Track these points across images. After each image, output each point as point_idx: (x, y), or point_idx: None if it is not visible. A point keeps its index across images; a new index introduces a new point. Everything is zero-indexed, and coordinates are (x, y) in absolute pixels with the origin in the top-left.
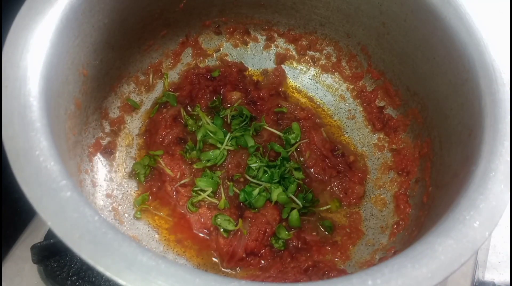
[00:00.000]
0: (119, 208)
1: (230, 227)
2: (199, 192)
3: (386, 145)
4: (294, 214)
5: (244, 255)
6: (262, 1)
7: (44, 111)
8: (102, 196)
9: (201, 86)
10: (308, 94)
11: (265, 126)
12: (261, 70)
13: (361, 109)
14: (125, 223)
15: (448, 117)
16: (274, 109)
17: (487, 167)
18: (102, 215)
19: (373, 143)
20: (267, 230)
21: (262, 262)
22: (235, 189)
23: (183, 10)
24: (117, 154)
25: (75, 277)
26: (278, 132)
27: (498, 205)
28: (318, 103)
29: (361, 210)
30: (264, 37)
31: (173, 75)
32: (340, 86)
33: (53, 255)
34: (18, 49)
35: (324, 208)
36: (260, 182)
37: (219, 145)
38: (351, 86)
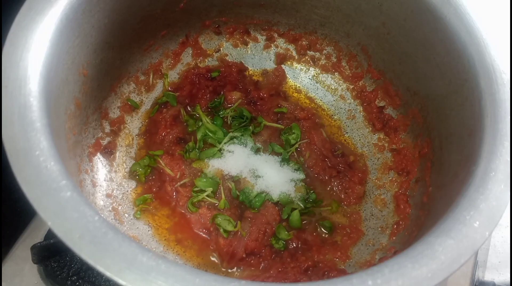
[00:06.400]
0: (119, 208)
1: (230, 227)
2: (199, 192)
3: (386, 145)
4: (295, 214)
5: (244, 255)
6: (262, 1)
7: (44, 111)
8: (102, 196)
9: (201, 86)
10: (308, 94)
11: (265, 122)
12: (261, 70)
13: (361, 109)
14: (125, 223)
15: (448, 117)
16: (274, 109)
17: (487, 167)
18: (102, 215)
19: (373, 143)
20: (267, 230)
21: (262, 262)
22: (237, 192)
23: (183, 10)
24: (117, 154)
25: (75, 277)
26: (278, 125)
27: (498, 205)
28: (318, 103)
29: (361, 210)
30: (264, 37)
31: (173, 75)
32: (340, 86)
33: (53, 255)
34: (18, 49)
35: (325, 208)
36: None
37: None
38: (351, 86)
